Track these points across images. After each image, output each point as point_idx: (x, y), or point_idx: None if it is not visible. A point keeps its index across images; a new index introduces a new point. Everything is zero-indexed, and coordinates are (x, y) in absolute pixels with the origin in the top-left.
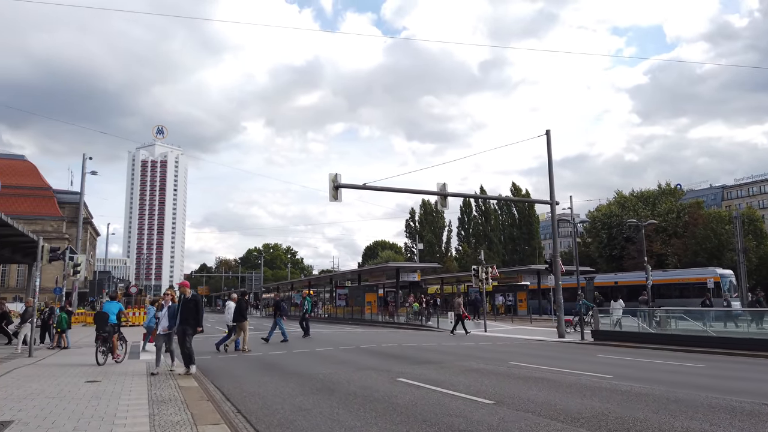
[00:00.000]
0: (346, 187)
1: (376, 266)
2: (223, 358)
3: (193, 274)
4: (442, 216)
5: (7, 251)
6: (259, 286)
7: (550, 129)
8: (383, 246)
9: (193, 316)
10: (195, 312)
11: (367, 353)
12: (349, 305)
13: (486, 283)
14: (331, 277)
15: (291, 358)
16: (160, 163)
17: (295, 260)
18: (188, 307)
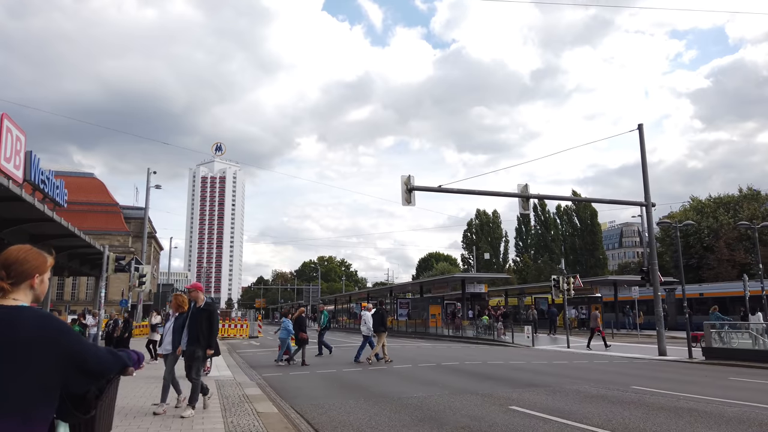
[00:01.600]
0: (420, 189)
1: (440, 277)
2: (294, 375)
3: (252, 286)
4: (499, 227)
5: (76, 263)
6: (316, 299)
7: (642, 123)
8: (437, 258)
9: (205, 333)
10: (208, 327)
11: (453, 372)
12: (411, 318)
13: (567, 294)
14: (390, 288)
15: (369, 377)
16: (219, 179)
17: (349, 273)
18: (198, 320)
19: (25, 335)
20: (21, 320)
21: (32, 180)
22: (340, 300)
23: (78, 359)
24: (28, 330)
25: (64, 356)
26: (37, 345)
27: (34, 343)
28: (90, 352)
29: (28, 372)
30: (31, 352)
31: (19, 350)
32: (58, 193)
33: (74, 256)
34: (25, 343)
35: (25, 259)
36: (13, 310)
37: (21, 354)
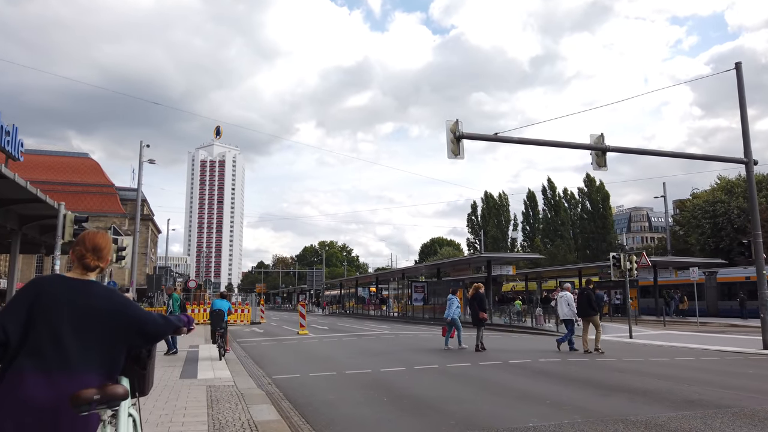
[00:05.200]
0: (472, 138)
1: (462, 258)
2: (317, 378)
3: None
4: (508, 210)
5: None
6: (320, 283)
7: (740, 62)
8: (441, 243)
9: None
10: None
11: (539, 377)
12: (429, 303)
13: (630, 274)
14: (402, 272)
15: (408, 378)
16: (219, 162)
17: (350, 258)
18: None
19: (98, 305)
20: (95, 292)
21: None
22: (346, 284)
23: (139, 325)
24: (101, 300)
25: (128, 322)
26: (107, 313)
27: (105, 311)
28: (148, 319)
29: (103, 335)
30: (104, 318)
31: (95, 317)
32: (8, 141)
33: (48, 228)
34: (99, 311)
35: (108, 246)
36: (89, 284)
37: (96, 320)
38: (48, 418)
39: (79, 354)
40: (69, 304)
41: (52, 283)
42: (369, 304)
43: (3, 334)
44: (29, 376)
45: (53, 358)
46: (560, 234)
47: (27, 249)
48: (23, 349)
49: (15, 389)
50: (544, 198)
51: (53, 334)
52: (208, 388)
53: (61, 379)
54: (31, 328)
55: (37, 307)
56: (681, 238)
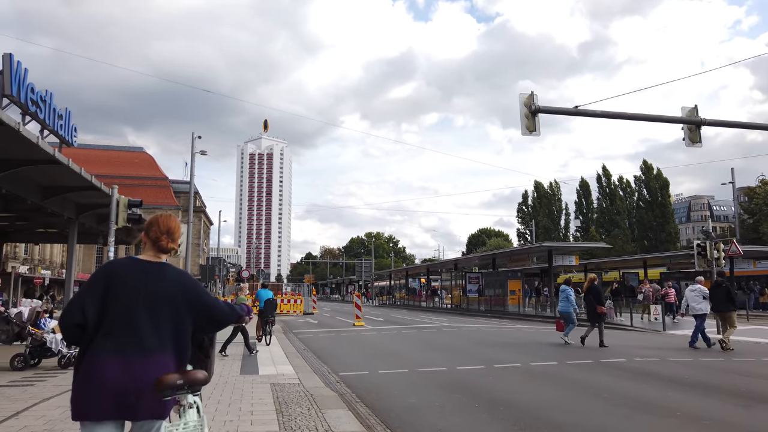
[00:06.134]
0: (549, 112)
1: (521, 248)
2: (386, 375)
3: (302, 260)
4: (560, 199)
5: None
6: (369, 274)
7: None
8: (488, 234)
9: None
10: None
11: (640, 377)
12: (484, 294)
13: (717, 264)
14: (455, 262)
15: (492, 379)
16: (267, 155)
17: (397, 249)
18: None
19: (170, 287)
20: (168, 275)
21: (17, 97)
22: (396, 275)
23: (207, 310)
24: (173, 283)
25: (198, 306)
26: (179, 296)
27: (177, 294)
28: (216, 305)
29: (174, 317)
30: (176, 301)
31: (168, 299)
32: (62, 125)
33: (104, 217)
34: (171, 293)
35: (179, 229)
36: (162, 266)
37: (169, 303)
38: (125, 399)
39: (153, 337)
40: (142, 287)
41: (125, 266)
42: (420, 296)
43: (82, 316)
44: (106, 358)
45: (129, 340)
46: (616, 224)
47: (85, 239)
48: (100, 331)
49: (94, 371)
50: (599, 186)
51: (128, 317)
52: (273, 387)
53: (136, 362)
54: (106, 310)
55: (112, 289)
56: (750, 227)
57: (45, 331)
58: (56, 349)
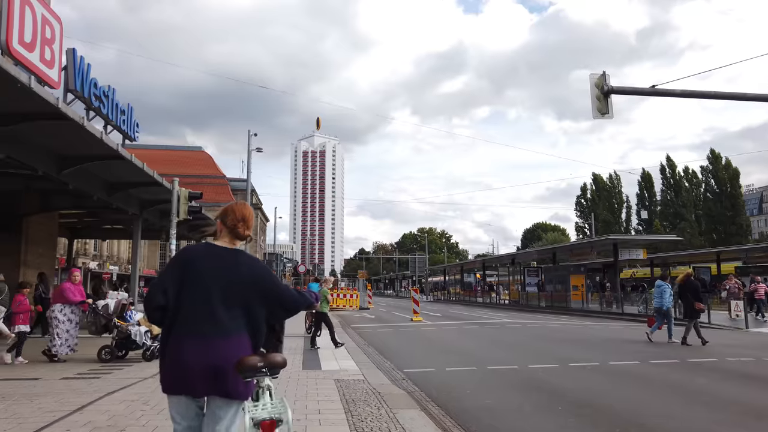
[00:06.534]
0: (621, 92)
1: (583, 241)
2: (453, 372)
3: (357, 256)
4: (620, 191)
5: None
6: (423, 270)
7: None
8: (544, 228)
9: None
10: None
11: (734, 379)
12: (544, 290)
13: None
14: (513, 256)
15: (570, 379)
16: (320, 153)
17: (450, 245)
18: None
19: (244, 272)
20: (241, 261)
21: (80, 92)
22: (451, 271)
23: (278, 295)
24: (246, 268)
25: (269, 292)
26: (252, 281)
27: (250, 280)
28: (286, 291)
29: (248, 303)
30: (249, 286)
31: (242, 285)
32: (124, 121)
33: (167, 213)
34: (245, 279)
35: (253, 216)
36: (236, 252)
37: (242, 288)
38: (204, 378)
39: (229, 319)
40: (218, 272)
41: (201, 252)
42: (476, 291)
43: (164, 298)
44: (186, 341)
45: (207, 322)
46: (682, 216)
47: (148, 235)
48: (180, 313)
49: (176, 351)
50: (662, 178)
51: (206, 300)
52: (338, 384)
53: (214, 343)
54: (185, 293)
55: (189, 274)
56: None
57: (130, 324)
58: (140, 342)
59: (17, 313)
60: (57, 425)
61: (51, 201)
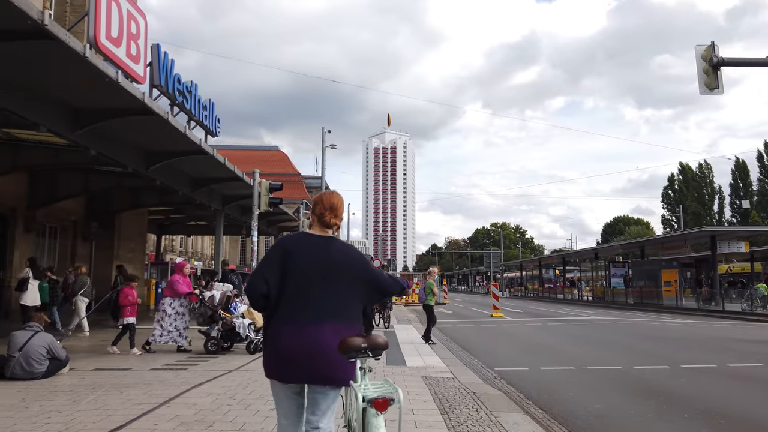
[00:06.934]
0: (734, 64)
1: (675, 234)
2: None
3: (430, 251)
4: (711, 182)
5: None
6: (498, 264)
7: None
8: (626, 222)
9: None
10: None
11: None
12: (632, 285)
13: None
14: (596, 251)
15: (688, 382)
16: (390, 149)
17: (524, 240)
18: None
19: (340, 259)
20: (337, 248)
21: (164, 87)
22: (527, 266)
23: (373, 280)
24: (342, 255)
25: (365, 277)
26: (348, 267)
27: (346, 266)
28: (381, 276)
29: (346, 288)
30: (345, 272)
31: (339, 271)
32: (206, 116)
33: (248, 208)
34: (341, 265)
35: (342, 205)
36: (330, 240)
37: (339, 274)
38: (304, 366)
39: (328, 305)
40: (316, 259)
41: (299, 240)
42: (556, 287)
43: (266, 286)
44: (288, 327)
45: (307, 309)
46: None
47: (229, 231)
48: (281, 300)
49: (278, 338)
50: (760, 166)
51: (305, 287)
52: (426, 381)
53: (314, 329)
54: (285, 281)
55: (288, 262)
56: None
57: (234, 316)
58: (244, 334)
59: (125, 306)
60: (145, 418)
61: (140, 198)
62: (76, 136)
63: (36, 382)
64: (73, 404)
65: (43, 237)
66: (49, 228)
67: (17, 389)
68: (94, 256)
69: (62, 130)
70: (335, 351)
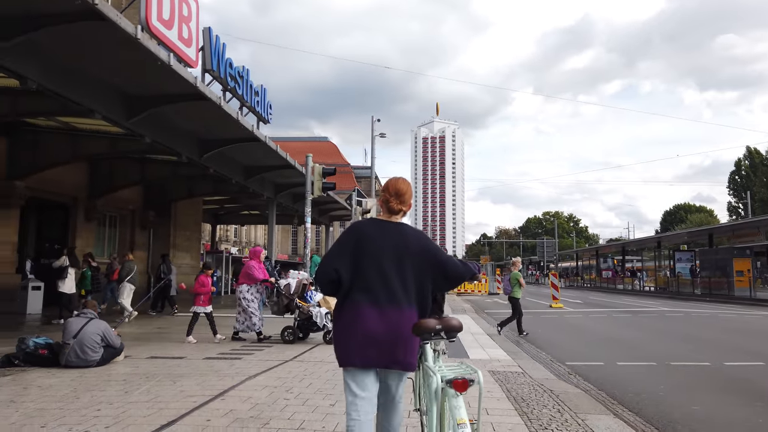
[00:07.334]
0: None
1: (747, 221)
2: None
3: (482, 239)
4: None
5: (301, 206)
6: (552, 254)
7: None
8: (688, 209)
9: None
10: None
11: None
12: (699, 275)
13: None
14: (658, 239)
15: None
16: (439, 138)
17: (578, 229)
18: None
19: (410, 244)
20: (407, 232)
21: (216, 71)
22: (583, 255)
23: (442, 266)
24: (412, 239)
25: (435, 262)
26: (419, 252)
27: (417, 251)
28: (450, 261)
29: (416, 273)
30: (416, 257)
31: (409, 256)
32: (258, 102)
33: (299, 197)
34: (412, 250)
35: (409, 191)
36: (400, 225)
37: (410, 259)
38: (380, 348)
39: (400, 290)
40: (386, 245)
41: (370, 226)
42: (615, 277)
43: (335, 273)
44: (364, 310)
45: (380, 294)
46: None
47: (281, 220)
48: (355, 286)
49: (354, 321)
50: None
51: (378, 272)
52: (494, 376)
53: (388, 314)
54: (357, 266)
55: (360, 248)
56: None
57: (311, 305)
58: (321, 324)
59: (198, 294)
60: (197, 413)
61: (195, 187)
62: (130, 123)
63: (90, 370)
64: (125, 395)
65: (103, 226)
66: (109, 217)
67: (71, 378)
68: (152, 245)
69: (117, 117)
70: (410, 335)
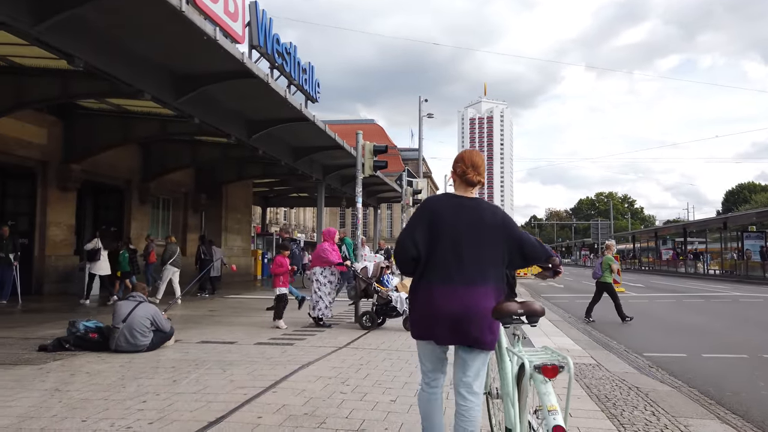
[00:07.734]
0: None
1: None
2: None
3: (532, 220)
4: None
5: (349, 188)
6: (607, 236)
7: None
8: (752, 189)
9: None
10: None
11: None
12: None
13: None
14: (725, 220)
15: None
16: (487, 119)
17: (633, 210)
18: None
19: (487, 220)
20: (484, 207)
21: (263, 48)
22: (640, 237)
23: (519, 244)
24: (489, 215)
25: (510, 240)
26: (495, 229)
27: (493, 228)
28: (527, 239)
29: (492, 250)
30: (493, 234)
31: (486, 232)
32: (306, 80)
33: (348, 178)
34: (489, 227)
35: (484, 163)
36: (476, 201)
37: (487, 236)
38: (457, 326)
39: (476, 269)
40: (462, 221)
41: (444, 202)
42: (677, 260)
43: (415, 249)
44: (435, 290)
45: (455, 273)
46: None
47: (329, 202)
48: (429, 263)
49: (428, 300)
50: None
51: (454, 250)
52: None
53: (464, 292)
54: (433, 243)
55: (435, 224)
56: None
57: (389, 289)
58: (401, 309)
59: (277, 275)
60: (247, 408)
61: (245, 169)
62: (178, 103)
63: (140, 355)
64: (173, 385)
65: (156, 209)
66: (163, 200)
67: (120, 363)
68: (204, 227)
69: (165, 98)
70: (486, 314)
